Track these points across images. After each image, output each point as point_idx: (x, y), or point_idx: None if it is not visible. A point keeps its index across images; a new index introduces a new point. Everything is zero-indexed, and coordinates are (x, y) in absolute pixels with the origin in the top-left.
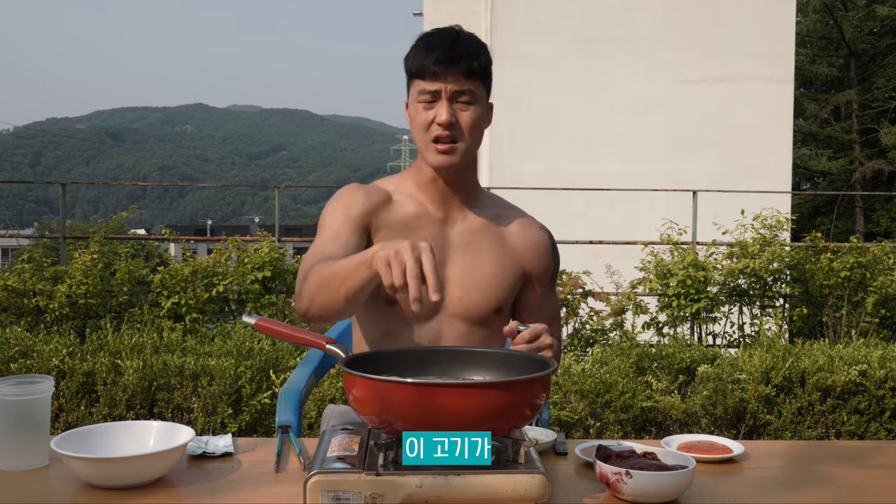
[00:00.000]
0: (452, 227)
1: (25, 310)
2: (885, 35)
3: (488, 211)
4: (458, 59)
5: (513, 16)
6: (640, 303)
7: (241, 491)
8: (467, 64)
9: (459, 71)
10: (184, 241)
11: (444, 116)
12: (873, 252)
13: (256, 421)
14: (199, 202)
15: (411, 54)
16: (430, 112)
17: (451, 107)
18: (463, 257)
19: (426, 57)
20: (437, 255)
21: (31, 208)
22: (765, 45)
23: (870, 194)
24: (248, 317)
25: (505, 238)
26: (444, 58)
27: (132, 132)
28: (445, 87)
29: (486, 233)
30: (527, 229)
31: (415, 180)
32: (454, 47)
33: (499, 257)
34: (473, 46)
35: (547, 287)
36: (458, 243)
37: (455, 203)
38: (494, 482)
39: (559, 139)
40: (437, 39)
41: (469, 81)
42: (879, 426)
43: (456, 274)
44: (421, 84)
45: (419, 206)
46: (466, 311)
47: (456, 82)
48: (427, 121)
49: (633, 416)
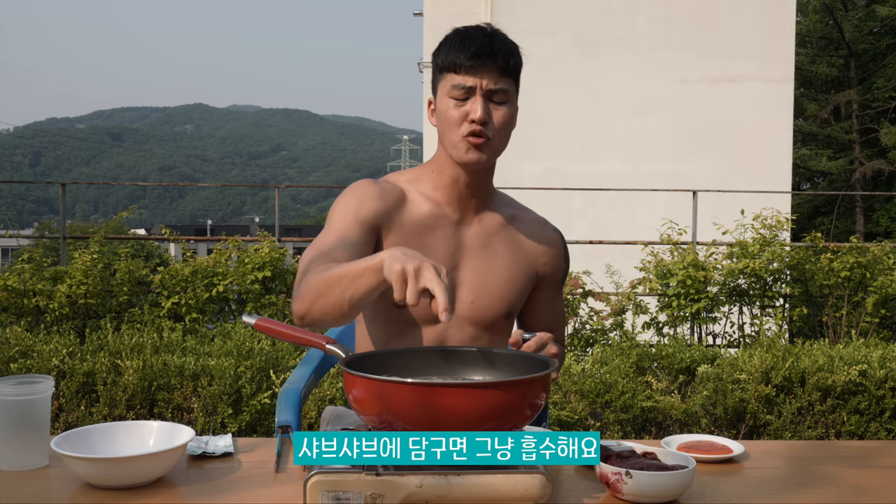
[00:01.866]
0: (468, 228)
1: (25, 310)
2: (885, 35)
3: (503, 212)
4: (495, 54)
5: (513, 16)
6: (640, 303)
7: (241, 491)
8: (504, 60)
9: (496, 67)
10: (184, 241)
11: (479, 112)
12: (873, 252)
13: (256, 421)
14: (199, 202)
15: (444, 48)
16: (463, 108)
17: (486, 103)
18: (478, 260)
19: (462, 50)
20: (451, 257)
21: (31, 208)
22: (765, 45)
23: (870, 194)
24: (248, 317)
25: (519, 240)
26: (482, 52)
27: (132, 132)
28: (481, 83)
29: (501, 235)
30: (540, 230)
31: (433, 179)
32: (492, 42)
33: (512, 261)
34: (509, 43)
35: (556, 289)
36: (474, 246)
37: (472, 205)
38: (494, 482)
39: (559, 139)
40: (473, 33)
41: (504, 79)
42: (879, 426)
43: (469, 277)
44: (455, 78)
45: (435, 206)
46: (477, 315)
47: (491, 79)
48: (460, 117)
49: (633, 416)
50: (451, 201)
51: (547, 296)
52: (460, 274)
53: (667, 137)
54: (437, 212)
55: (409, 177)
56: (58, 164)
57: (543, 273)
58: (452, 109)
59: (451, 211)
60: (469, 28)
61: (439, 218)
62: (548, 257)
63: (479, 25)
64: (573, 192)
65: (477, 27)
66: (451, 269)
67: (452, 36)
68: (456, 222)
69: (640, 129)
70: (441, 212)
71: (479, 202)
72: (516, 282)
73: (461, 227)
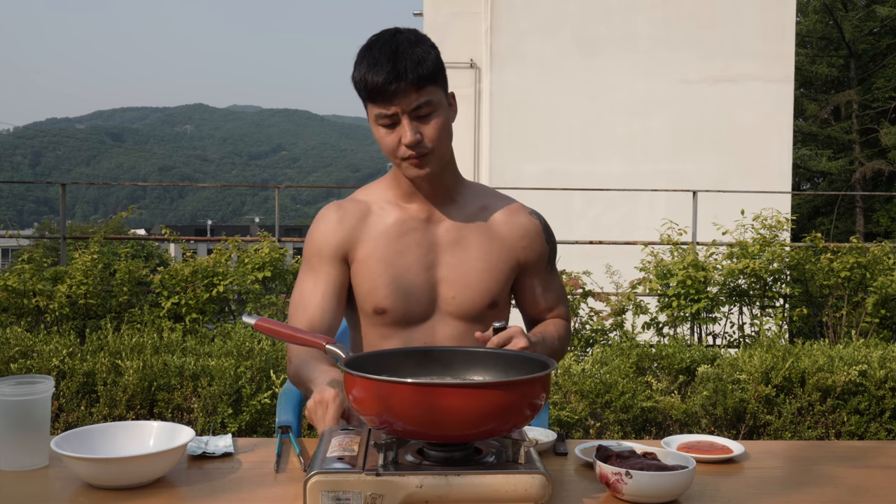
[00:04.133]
0: (438, 226)
1: (25, 310)
2: (885, 35)
3: (473, 204)
4: (402, 76)
5: (513, 16)
6: (640, 303)
7: (241, 491)
8: (415, 75)
9: (409, 87)
10: (184, 242)
11: (408, 137)
12: (873, 252)
13: (256, 421)
14: (199, 202)
15: (357, 75)
16: (393, 134)
17: (413, 124)
18: (452, 256)
19: (373, 79)
20: (424, 256)
21: (31, 208)
22: (765, 45)
23: (870, 194)
24: (248, 317)
25: (493, 229)
26: (390, 78)
27: (132, 132)
28: (401, 109)
29: (474, 227)
30: (514, 217)
31: (394, 188)
32: (396, 62)
33: (488, 251)
34: (417, 51)
35: (545, 272)
36: (446, 242)
37: (438, 202)
38: (494, 482)
39: (559, 139)
40: (378, 56)
41: (422, 91)
42: (879, 426)
43: (446, 274)
44: (375, 109)
45: (401, 211)
46: (460, 309)
47: (409, 99)
48: (394, 143)
49: (633, 416)
50: (415, 204)
51: (537, 280)
52: (437, 272)
53: (667, 137)
54: (404, 216)
55: (373, 189)
56: (58, 165)
57: (525, 259)
58: (385, 137)
59: (418, 212)
60: (373, 50)
61: (407, 221)
62: (526, 241)
63: (384, 39)
64: (573, 192)
65: (381, 44)
66: (428, 268)
67: (361, 60)
68: (424, 222)
69: (640, 130)
70: (408, 215)
71: (445, 199)
72: (495, 272)
73: (430, 226)
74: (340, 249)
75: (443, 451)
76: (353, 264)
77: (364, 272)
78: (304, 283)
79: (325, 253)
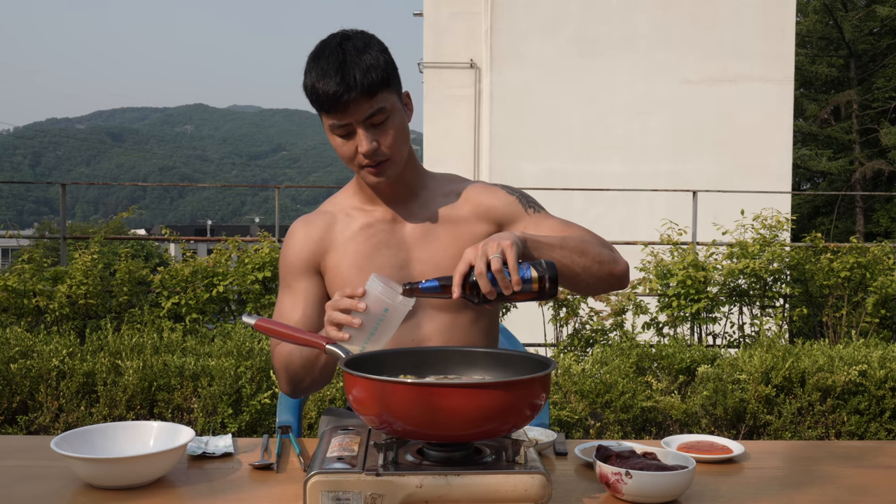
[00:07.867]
0: (405, 225)
1: (25, 310)
2: (885, 35)
3: (437, 195)
4: (353, 86)
5: (513, 16)
6: (640, 303)
7: (241, 491)
8: (364, 83)
9: (360, 97)
10: (184, 242)
11: (364, 147)
12: (873, 252)
13: (256, 421)
14: (199, 202)
15: (307, 86)
16: (350, 143)
17: (368, 133)
18: (422, 251)
19: (323, 90)
20: (396, 256)
21: (31, 208)
22: (765, 45)
23: (870, 194)
24: (248, 317)
25: (458, 214)
26: (339, 90)
27: (132, 132)
28: (354, 119)
29: (441, 218)
30: (474, 193)
31: (358, 193)
32: (345, 72)
33: (457, 237)
34: (365, 59)
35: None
36: (415, 238)
37: (402, 201)
38: (494, 482)
39: (559, 139)
40: (327, 67)
41: (374, 100)
42: (879, 426)
43: (420, 269)
44: (329, 119)
45: (367, 215)
46: (442, 301)
47: (361, 108)
48: (351, 152)
49: (633, 416)
50: (380, 207)
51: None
52: (411, 269)
53: (667, 138)
54: (370, 219)
55: (338, 198)
56: (58, 165)
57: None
58: (342, 147)
59: (384, 214)
60: (321, 60)
61: (373, 225)
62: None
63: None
64: (573, 192)
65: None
66: (401, 267)
67: (310, 71)
68: (391, 223)
69: (640, 130)
70: (374, 219)
71: (409, 197)
72: None
73: (397, 225)
74: (312, 262)
75: (443, 451)
76: (326, 273)
77: (337, 279)
78: (283, 302)
79: (297, 268)
